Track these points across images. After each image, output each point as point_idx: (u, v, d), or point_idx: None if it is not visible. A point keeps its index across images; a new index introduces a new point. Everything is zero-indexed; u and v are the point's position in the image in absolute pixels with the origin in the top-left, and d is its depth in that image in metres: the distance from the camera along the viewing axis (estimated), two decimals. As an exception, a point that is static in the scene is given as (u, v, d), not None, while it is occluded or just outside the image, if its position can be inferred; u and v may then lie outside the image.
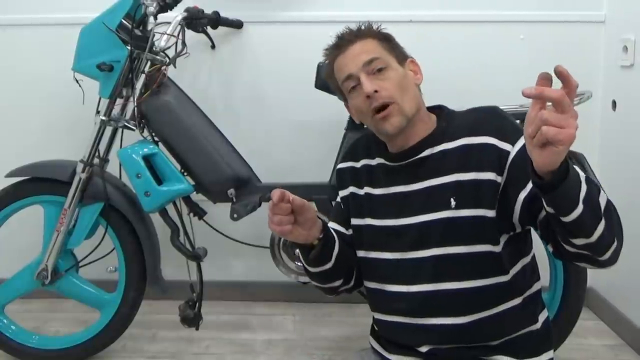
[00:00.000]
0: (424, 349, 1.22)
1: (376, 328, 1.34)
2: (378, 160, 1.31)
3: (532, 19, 2.26)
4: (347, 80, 1.25)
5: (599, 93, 2.24)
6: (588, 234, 0.99)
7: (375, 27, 1.30)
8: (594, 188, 0.98)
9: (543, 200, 0.98)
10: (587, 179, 0.97)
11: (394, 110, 1.21)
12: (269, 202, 1.14)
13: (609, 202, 1.02)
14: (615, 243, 1.03)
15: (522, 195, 1.12)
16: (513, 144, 1.16)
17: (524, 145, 1.11)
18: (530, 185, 1.09)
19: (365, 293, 1.38)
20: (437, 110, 1.30)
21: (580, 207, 0.95)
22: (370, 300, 1.34)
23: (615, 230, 1.02)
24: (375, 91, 1.20)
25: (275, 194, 1.12)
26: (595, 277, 2.21)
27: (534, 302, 1.25)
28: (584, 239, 0.99)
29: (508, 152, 1.15)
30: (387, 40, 1.28)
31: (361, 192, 1.32)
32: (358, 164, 1.35)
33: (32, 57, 2.34)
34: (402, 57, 1.29)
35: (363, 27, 1.29)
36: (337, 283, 1.33)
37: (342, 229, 1.37)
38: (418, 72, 1.31)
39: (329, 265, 1.27)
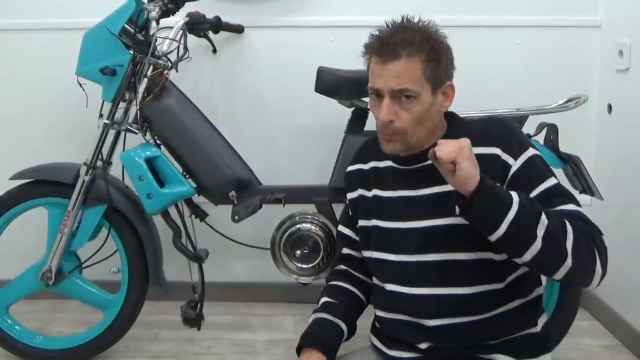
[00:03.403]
0: (423, 346, 1.24)
1: (377, 325, 1.36)
2: (387, 163, 1.32)
3: (528, 24, 2.28)
4: (373, 91, 1.21)
5: (595, 97, 2.27)
6: (517, 254, 1.09)
7: (433, 31, 1.21)
8: (532, 214, 1.06)
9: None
10: (529, 206, 1.06)
11: (399, 139, 1.21)
12: None
13: (564, 230, 1.07)
14: (569, 265, 1.08)
15: None
16: (516, 158, 1.18)
17: (527, 161, 1.17)
18: None
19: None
20: (448, 117, 1.30)
21: (502, 229, 1.05)
22: (373, 296, 1.37)
23: (563, 254, 1.07)
24: (391, 121, 1.19)
25: None
26: (591, 278, 2.23)
27: (535, 306, 1.27)
28: (517, 258, 1.09)
29: (510, 166, 1.17)
30: (434, 61, 1.19)
31: (369, 194, 1.34)
32: (366, 166, 1.36)
33: (35, 61, 2.36)
34: (440, 81, 1.21)
35: (416, 39, 1.18)
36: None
37: (351, 234, 1.40)
38: (449, 98, 1.24)
39: (345, 336, 1.35)
